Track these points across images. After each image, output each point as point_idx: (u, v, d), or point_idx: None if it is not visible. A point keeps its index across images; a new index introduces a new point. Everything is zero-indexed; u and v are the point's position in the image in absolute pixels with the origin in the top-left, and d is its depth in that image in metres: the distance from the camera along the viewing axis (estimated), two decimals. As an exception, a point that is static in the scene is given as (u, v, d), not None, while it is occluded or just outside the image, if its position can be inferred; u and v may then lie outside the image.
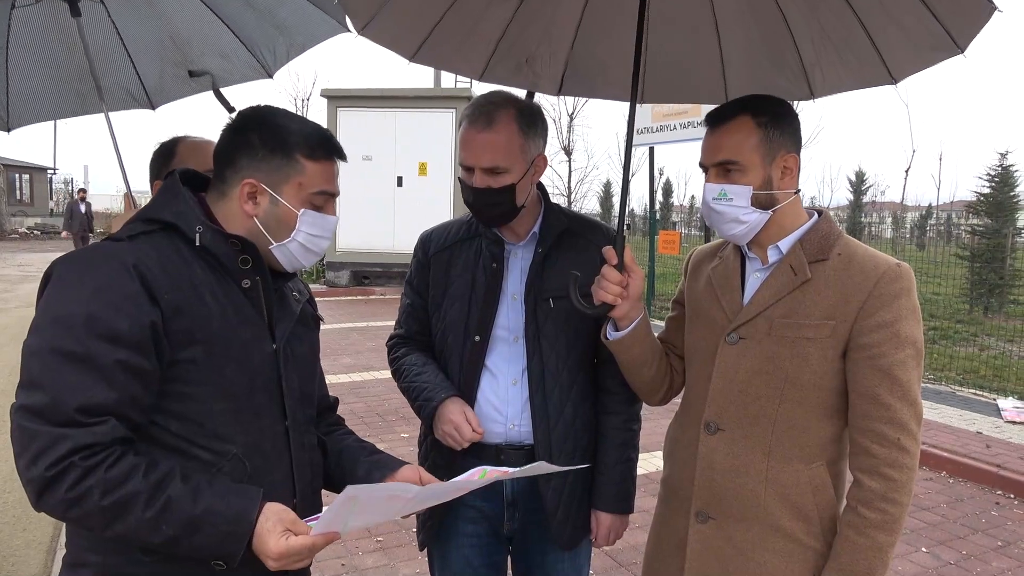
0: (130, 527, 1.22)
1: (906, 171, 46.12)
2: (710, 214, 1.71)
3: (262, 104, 1.51)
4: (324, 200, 1.49)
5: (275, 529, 1.27)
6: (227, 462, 1.38)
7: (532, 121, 1.85)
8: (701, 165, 1.73)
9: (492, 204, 1.85)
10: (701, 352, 1.80)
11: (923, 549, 4.21)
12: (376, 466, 1.63)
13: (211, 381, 1.36)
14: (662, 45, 2.15)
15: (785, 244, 1.69)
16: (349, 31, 2.68)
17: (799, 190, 1.72)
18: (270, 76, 3.06)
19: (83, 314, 1.25)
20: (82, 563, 1.38)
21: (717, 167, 1.68)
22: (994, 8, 1.63)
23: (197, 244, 1.38)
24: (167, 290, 1.31)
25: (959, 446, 5.71)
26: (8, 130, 3.10)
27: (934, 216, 32.38)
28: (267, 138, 1.44)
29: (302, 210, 1.45)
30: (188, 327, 1.33)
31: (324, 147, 1.47)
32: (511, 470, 1.54)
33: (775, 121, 1.66)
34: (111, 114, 2.74)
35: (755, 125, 1.65)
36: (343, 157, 1.52)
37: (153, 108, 3.18)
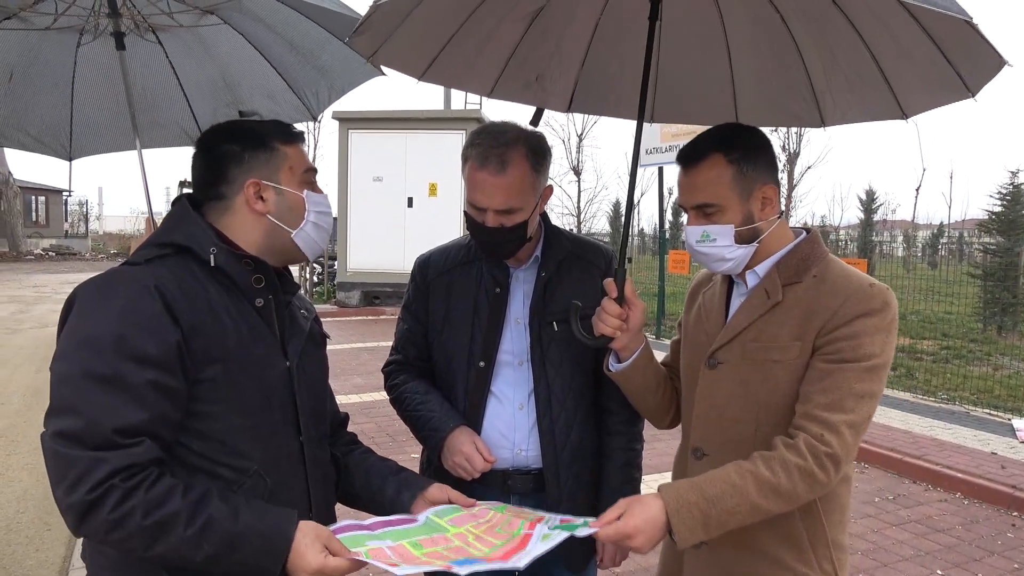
0: (171, 546, 1.23)
1: (916, 189, 46.33)
2: (696, 255, 1.68)
3: (212, 125, 1.59)
4: (312, 177, 1.58)
5: (313, 545, 1.29)
6: (248, 479, 1.40)
7: (542, 156, 1.85)
8: (679, 206, 1.70)
9: (505, 242, 1.85)
10: (690, 377, 1.79)
11: (938, 572, 4.14)
12: (405, 485, 1.66)
13: (229, 399, 1.39)
14: (672, 65, 2.15)
15: (762, 268, 1.67)
16: (384, 74, 2.76)
17: (782, 213, 1.70)
18: (314, 118, 3.17)
19: (111, 336, 1.27)
20: None
21: (695, 209, 1.65)
22: (1004, 62, 1.61)
23: (212, 265, 1.41)
24: (186, 311, 1.34)
25: (973, 467, 5.65)
26: (70, 160, 3.24)
27: (945, 234, 32.23)
28: (243, 141, 1.50)
29: (305, 191, 1.54)
30: (206, 347, 1.36)
31: (289, 131, 1.57)
32: (534, 535, 1.50)
33: (747, 155, 1.61)
34: (173, 149, 2.88)
35: (727, 163, 1.60)
36: (302, 139, 1.63)
37: None
